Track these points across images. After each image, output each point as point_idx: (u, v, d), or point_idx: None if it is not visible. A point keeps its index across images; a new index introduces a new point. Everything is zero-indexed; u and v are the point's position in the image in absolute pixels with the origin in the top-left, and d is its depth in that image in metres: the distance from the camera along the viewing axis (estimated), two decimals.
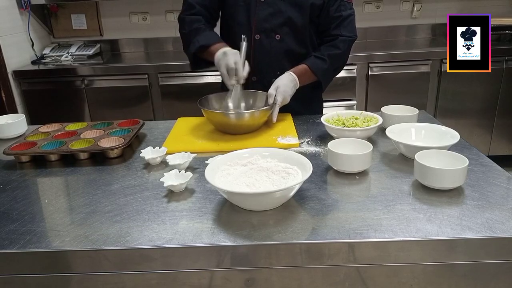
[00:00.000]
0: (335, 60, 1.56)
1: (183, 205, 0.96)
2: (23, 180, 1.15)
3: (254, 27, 1.53)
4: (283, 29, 1.53)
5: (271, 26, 1.53)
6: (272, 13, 1.51)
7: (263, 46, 1.55)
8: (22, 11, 3.03)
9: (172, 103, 2.88)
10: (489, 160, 1.13)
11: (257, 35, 1.54)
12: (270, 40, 1.55)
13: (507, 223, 0.83)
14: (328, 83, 1.61)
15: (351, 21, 1.56)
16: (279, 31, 1.53)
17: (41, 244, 0.84)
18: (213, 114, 1.38)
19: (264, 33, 1.54)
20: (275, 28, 1.53)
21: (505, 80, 2.84)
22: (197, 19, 1.55)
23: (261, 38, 1.54)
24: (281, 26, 1.53)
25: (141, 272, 0.84)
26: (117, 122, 1.47)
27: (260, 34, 1.54)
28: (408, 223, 0.85)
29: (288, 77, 1.48)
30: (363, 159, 1.06)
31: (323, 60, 1.53)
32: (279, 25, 1.53)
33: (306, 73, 1.52)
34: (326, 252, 0.82)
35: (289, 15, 1.51)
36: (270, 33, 1.54)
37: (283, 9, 1.51)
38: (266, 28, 1.53)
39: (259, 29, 1.53)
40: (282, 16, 1.51)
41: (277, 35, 1.54)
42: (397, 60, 2.82)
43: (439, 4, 3.29)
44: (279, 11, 1.51)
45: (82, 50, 3.23)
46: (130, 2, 3.27)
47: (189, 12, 1.56)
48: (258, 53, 1.56)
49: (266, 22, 1.52)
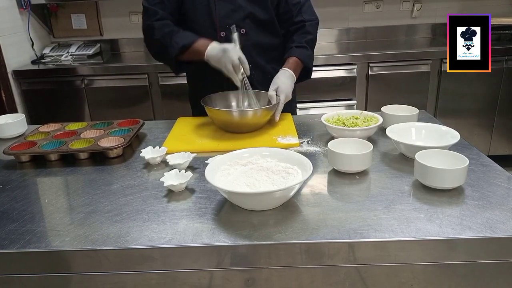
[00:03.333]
0: (312, 45, 1.61)
1: (183, 205, 0.96)
2: (23, 180, 1.15)
3: (217, 25, 1.53)
4: (246, 22, 1.53)
5: (233, 21, 1.51)
6: (232, 9, 1.52)
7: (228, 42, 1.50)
8: (22, 11, 3.02)
9: (172, 103, 2.88)
10: (489, 160, 1.13)
11: (222, 32, 1.53)
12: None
13: (507, 223, 0.83)
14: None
15: (309, 5, 1.62)
16: (242, 25, 1.53)
17: (41, 244, 0.84)
18: (216, 112, 1.38)
19: (228, 30, 1.51)
20: (238, 23, 1.51)
21: (505, 80, 2.84)
22: (166, 23, 1.50)
23: (226, 34, 1.53)
24: (243, 20, 1.53)
25: (141, 272, 0.84)
26: (117, 122, 1.47)
27: (225, 31, 1.53)
28: (408, 223, 0.85)
29: (285, 74, 1.49)
30: (363, 159, 1.06)
31: (305, 48, 1.57)
32: (242, 19, 1.52)
33: (298, 65, 1.54)
34: (326, 252, 0.82)
35: (250, 10, 1.52)
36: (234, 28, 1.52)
37: (242, 4, 1.51)
38: (229, 24, 1.50)
39: (223, 26, 1.52)
40: (243, 11, 1.52)
41: (242, 29, 1.53)
42: (397, 60, 2.82)
43: (439, 3, 3.28)
44: (239, 6, 1.52)
45: (82, 50, 3.23)
46: (130, 2, 3.27)
47: (155, 18, 1.50)
48: None
49: (228, 18, 1.52)
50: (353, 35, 3.35)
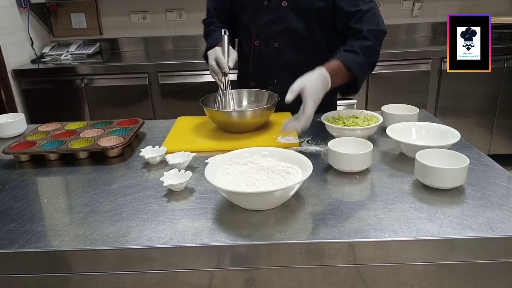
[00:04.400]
0: (368, 53, 1.33)
1: (182, 204, 0.96)
2: (22, 179, 1.14)
3: (254, 33, 1.51)
4: (282, 36, 1.47)
5: (270, 33, 1.48)
6: (272, 19, 1.46)
7: (261, 53, 1.52)
8: (21, 10, 3.02)
9: (172, 102, 2.88)
10: (489, 159, 1.13)
11: (256, 41, 1.52)
12: (268, 48, 1.50)
13: (508, 223, 0.83)
14: (363, 80, 1.38)
15: (374, 14, 1.36)
16: (277, 39, 1.48)
17: (40, 244, 0.83)
18: (215, 113, 1.38)
19: (262, 40, 1.50)
20: (274, 36, 1.48)
21: (506, 79, 2.84)
22: (210, 22, 1.61)
23: (260, 44, 1.51)
24: (280, 34, 1.47)
25: (141, 272, 0.83)
26: (117, 121, 1.47)
27: (259, 41, 1.51)
28: (408, 222, 0.85)
29: (319, 77, 1.20)
30: (363, 158, 1.05)
31: (355, 52, 1.30)
32: (279, 33, 1.47)
33: (340, 71, 1.27)
34: (326, 252, 0.81)
35: (290, 23, 1.44)
36: (269, 40, 1.49)
37: (283, 16, 1.44)
38: (265, 35, 1.49)
39: (259, 35, 1.50)
40: (282, 23, 1.45)
41: (276, 42, 1.48)
42: (398, 59, 2.82)
43: (439, 2, 3.28)
44: (279, 17, 1.45)
45: (82, 49, 3.23)
46: (130, 1, 3.27)
47: (207, 17, 1.64)
48: (256, 59, 1.54)
49: (266, 28, 1.48)
50: None
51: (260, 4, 1.47)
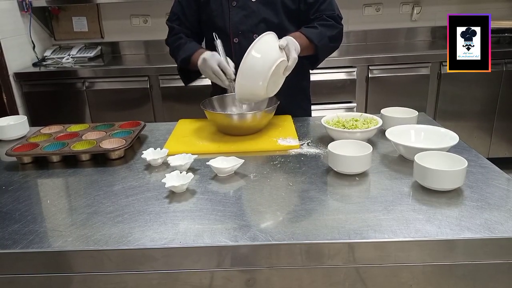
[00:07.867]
0: (327, 28, 1.48)
1: (184, 205, 0.97)
2: (25, 181, 1.15)
3: (231, 31, 1.54)
4: (259, 27, 1.53)
5: (247, 27, 1.53)
6: (246, 15, 1.52)
7: (242, 48, 1.50)
8: (23, 14, 3.04)
9: (173, 105, 2.89)
10: (488, 161, 1.14)
11: (235, 38, 1.55)
12: (249, 41, 1.47)
13: (506, 224, 0.84)
14: (324, 52, 1.53)
15: (330, 2, 1.53)
16: (256, 31, 1.52)
17: (44, 244, 0.84)
18: (216, 116, 1.40)
19: (242, 35, 1.54)
20: (252, 28, 1.53)
21: (505, 83, 2.85)
22: (177, 37, 1.61)
23: (239, 40, 1.54)
24: (257, 25, 1.53)
25: (143, 272, 0.84)
26: (119, 124, 1.48)
27: (238, 37, 1.54)
28: (407, 223, 0.86)
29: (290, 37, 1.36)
30: (363, 160, 1.06)
31: (314, 27, 1.47)
32: (255, 25, 1.53)
33: (301, 39, 1.41)
34: (326, 253, 0.82)
35: (263, 15, 1.51)
36: (248, 34, 1.53)
37: (256, 10, 1.51)
38: (243, 30, 1.53)
39: (236, 32, 1.54)
40: (256, 16, 1.52)
41: (255, 34, 1.51)
42: (397, 63, 2.83)
43: (438, 7, 3.30)
44: (253, 12, 1.52)
45: (83, 52, 3.24)
46: (131, 4, 3.28)
47: (171, 35, 1.64)
48: (239, 55, 1.54)
49: (242, 24, 1.53)
50: (353, 38, 3.36)
51: (229, 5, 1.53)
